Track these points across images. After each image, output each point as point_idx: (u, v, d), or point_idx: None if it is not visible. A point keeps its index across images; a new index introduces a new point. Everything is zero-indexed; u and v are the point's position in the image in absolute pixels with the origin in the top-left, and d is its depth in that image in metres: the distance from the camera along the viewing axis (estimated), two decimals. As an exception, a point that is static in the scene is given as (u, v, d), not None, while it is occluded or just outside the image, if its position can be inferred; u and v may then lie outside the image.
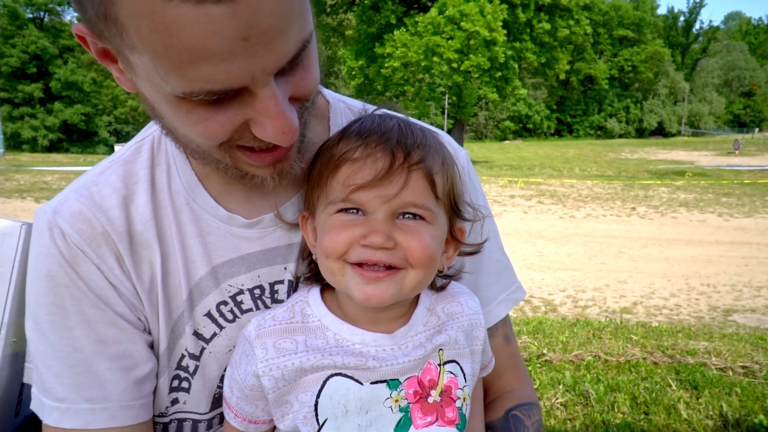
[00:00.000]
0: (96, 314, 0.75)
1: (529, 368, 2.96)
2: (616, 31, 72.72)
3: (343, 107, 0.90)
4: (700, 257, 9.16)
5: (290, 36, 0.57)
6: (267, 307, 0.82)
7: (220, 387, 0.82)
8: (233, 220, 0.80)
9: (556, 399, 2.60)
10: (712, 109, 79.25)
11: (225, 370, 0.80)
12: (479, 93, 30.25)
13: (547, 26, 29.48)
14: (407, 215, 0.69)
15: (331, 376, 0.71)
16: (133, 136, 0.85)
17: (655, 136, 74.56)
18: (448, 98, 34.03)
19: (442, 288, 0.82)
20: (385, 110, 0.82)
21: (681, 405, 2.53)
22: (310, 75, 0.64)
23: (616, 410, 2.49)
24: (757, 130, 74.90)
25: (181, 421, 0.83)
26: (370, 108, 0.86)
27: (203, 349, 0.80)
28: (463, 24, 26.13)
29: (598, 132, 75.87)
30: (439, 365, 0.75)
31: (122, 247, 0.76)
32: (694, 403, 2.57)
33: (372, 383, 0.71)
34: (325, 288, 0.78)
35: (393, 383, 0.72)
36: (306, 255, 0.81)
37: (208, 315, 0.80)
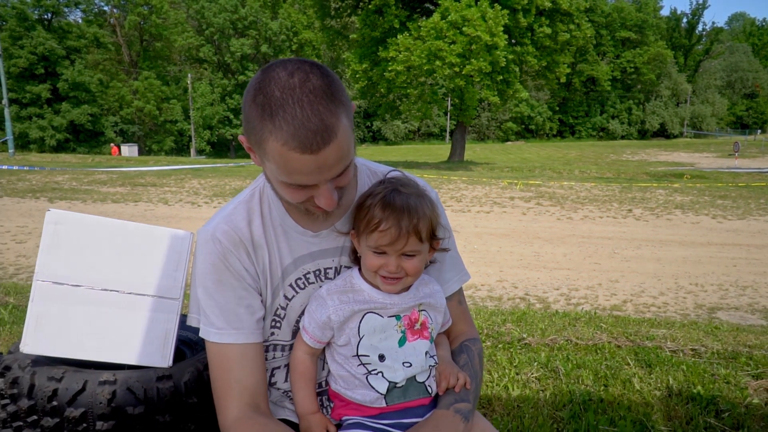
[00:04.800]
0: (237, 284, 1.32)
1: (510, 350, 3.45)
2: (618, 32, 72.07)
3: (365, 169, 1.46)
4: (691, 258, 9.38)
5: (341, 165, 1.15)
6: (322, 281, 1.39)
7: (296, 327, 1.39)
8: (306, 232, 1.37)
9: (532, 374, 3.07)
10: (714, 110, 78.44)
11: (299, 316, 1.38)
12: (480, 96, 30.28)
13: (548, 30, 29.36)
14: (407, 255, 1.28)
15: (367, 313, 1.31)
16: (138, 137, 1.42)
17: (657, 137, 74.18)
18: (450, 101, 34.14)
19: (426, 267, 1.41)
20: (396, 174, 1.40)
21: (635, 379, 2.99)
22: (347, 177, 1.22)
23: (580, 383, 2.94)
24: (759, 131, 74.38)
25: (275, 345, 1.41)
26: (386, 169, 1.45)
27: (288, 304, 1.38)
28: (465, 29, 26.19)
29: (601, 133, 75.43)
30: (419, 311, 1.36)
31: (249, 249, 1.33)
32: (647, 377, 3.04)
33: (388, 317, 1.31)
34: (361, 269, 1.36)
35: (398, 317, 1.32)
36: (353, 253, 1.38)
37: (291, 285, 1.37)
